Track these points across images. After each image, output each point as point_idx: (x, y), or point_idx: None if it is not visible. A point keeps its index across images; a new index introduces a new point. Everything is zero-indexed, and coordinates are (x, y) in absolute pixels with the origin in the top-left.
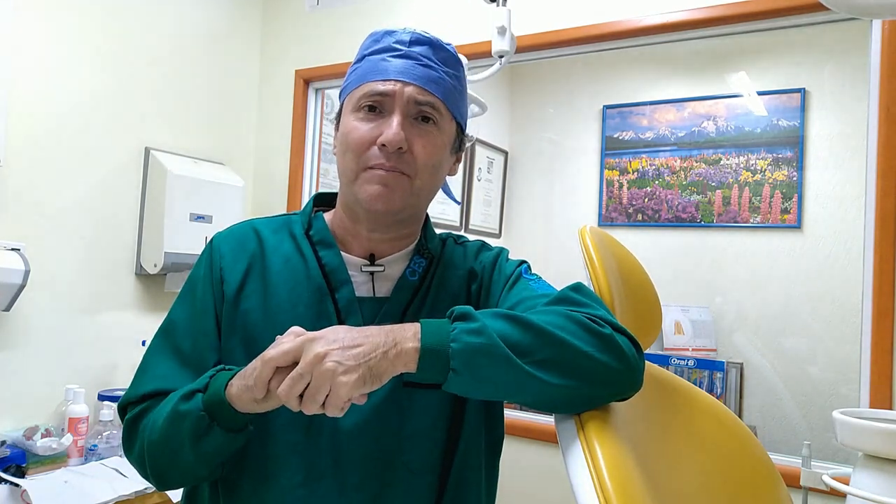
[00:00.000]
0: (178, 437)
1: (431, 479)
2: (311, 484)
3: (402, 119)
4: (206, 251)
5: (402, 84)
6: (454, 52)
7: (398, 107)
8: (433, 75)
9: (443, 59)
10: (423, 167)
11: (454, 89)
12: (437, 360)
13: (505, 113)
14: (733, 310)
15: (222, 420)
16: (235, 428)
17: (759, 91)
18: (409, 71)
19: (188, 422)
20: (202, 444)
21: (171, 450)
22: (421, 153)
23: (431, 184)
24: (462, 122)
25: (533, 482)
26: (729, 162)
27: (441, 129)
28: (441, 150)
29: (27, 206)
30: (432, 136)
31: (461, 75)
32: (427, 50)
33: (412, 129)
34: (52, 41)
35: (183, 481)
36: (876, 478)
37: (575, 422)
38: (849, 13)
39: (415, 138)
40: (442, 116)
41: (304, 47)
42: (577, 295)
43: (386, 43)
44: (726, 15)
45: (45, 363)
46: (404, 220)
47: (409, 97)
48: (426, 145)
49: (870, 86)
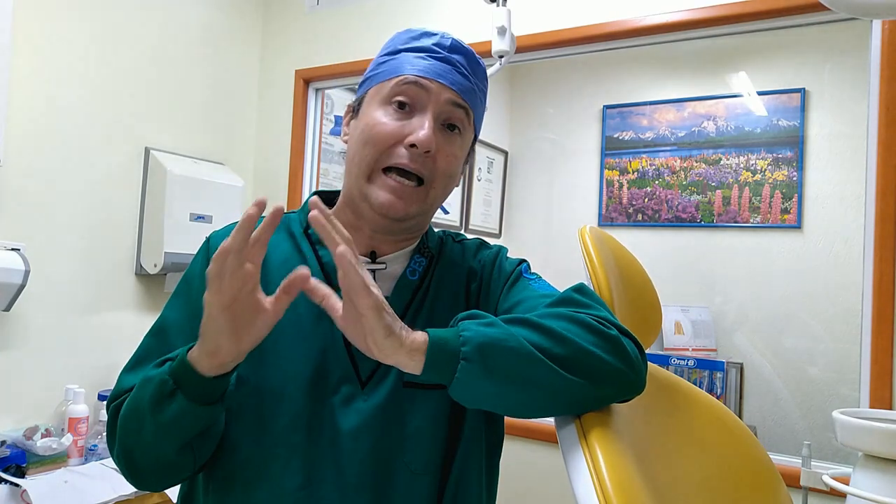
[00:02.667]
0: (141, 405)
1: (432, 479)
2: (310, 486)
3: (433, 121)
4: (202, 249)
5: (440, 86)
6: (484, 65)
7: (431, 107)
8: (467, 85)
9: (475, 71)
10: (441, 175)
11: (481, 103)
12: (446, 353)
13: (505, 113)
14: (733, 310)
15: (187, 386)
16: (200, 398)
17: (759, 91)
18: (447, 75)
19: (152, 385)
20: (162, 411)
21: (136, 421)
22: (443, 161)
23: (444, 193)
24: (478, 134)
25: (533, 482)
26: (729, 162)
27: (464, 139)
28: (459, 160)
29: (27, 206)
30: (455, 146)
31: (486, 89)
32: (464, 59)
33: (439, 135)
34: (52, 41)
35: (151, 468)
36: (876, 478)
37: (575, 422)
38: (849, 13)
39: (441, 145)
40: (467, 127)
41: (304, 47)
42: (581, 296)
43: (425, 43)
44: (726, 15)
45: (45, 363)
46: (411, 227)
47: (445, 100)
48: (448, 154)
49: (870, 86)
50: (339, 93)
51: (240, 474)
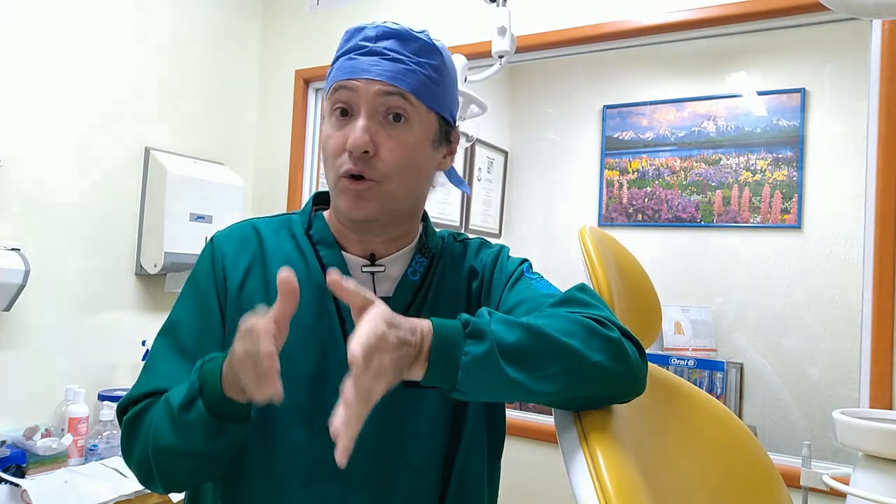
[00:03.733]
0: (194, 446)
1: (434, 478)
2: (313, 485)
3: (367, 121)
4: (206, 250)
5: (366, 81)
6: (428, 40)
7: (364, 106)
8: (400, 68)
9: (414, 51)
10: (392, 170)
11: (429, 80)
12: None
13: (505, 113)
14: (733, 310)
15: (229, 414)
16: (244, 417)
17: (759, 91)
18: (372, 67)
19: (200, 430)
20: (221, 443)
21: (188, 457)
22: (388, 156)
23: (408, 185)
24: (445, 112)
25: (533, 482)
26: (729, 162)
27: (413, 126)
28: (414, 149)
29: (27, 206)
30: (402, 137)
31: (439, 63)
32: (394, 43)
33: (380, 131)
34: (52, 41)
35: (191, 483)
36: (876, 478)
37: (575, 422)
38: (849, 13)
39: (383, 140)
40: (414, 111)
41: (304, 47)
42: (583, 295)
43: (354, 41)
44: (726, 15)
45: (45, 363)
46: (391, 224)
47: (374, 94)
48: (394, 148)
49: (870, 86)
50: None
51: (244, 474)
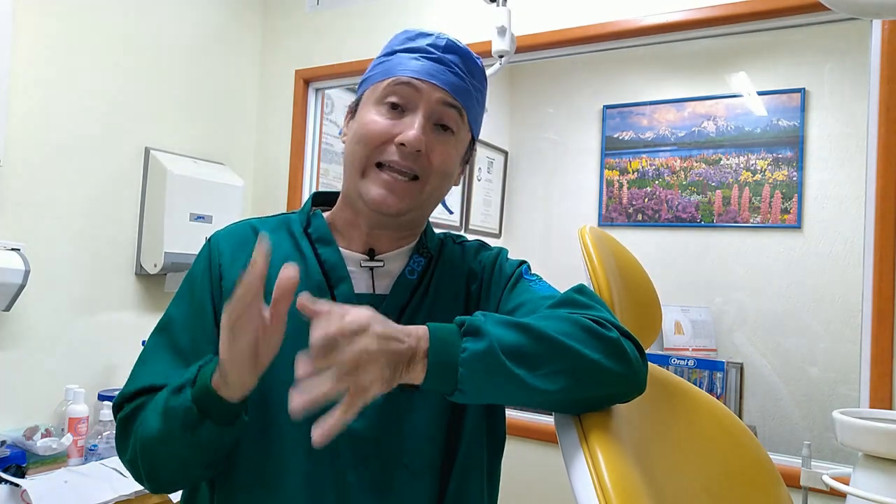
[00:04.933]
0: (170, 434)
1: (433, 479)
2: (310, 487)
3: (424, 121)
4: (204, 249)
5: (432, 86)
6: (482, 66)
7: (423, 107)
8: (461, 85)
9: (471, 71)
10: (435, 173)
11: (477, 102)
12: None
13: (505, 113)
14: (733, 310)
15: (213, 412)
16: (227, 419)
17: (759, 91)
18: (439, 75)
19: (179, 416)
20: (194, 439)
21: (165, 447)
22: (437, 160)
23: (440, 191)
24: (476, 134)
25: (533, 482)
26: (729, 162)
27: (458, 139)
28: (454, 160)
29: (27, 206)
30: (449, 145)
31: (484, 89)
32: (458, 59)
33: (431, 135)
34: (53, 41)
35: (175, 480)
36: (876, 478)
37: (575, 423)
38: (849, 13)
39: (433, 144)
40: (461, 126)
41: (304, 47)
42: (582, 297)
43: (419, 44)
44: (726, 15)
45: (45, 363)
46: (406, 224)
47: (436, 100)
48: (442, 153)
49: (870, 86)
50: (339, 93)
51: (241, 475)
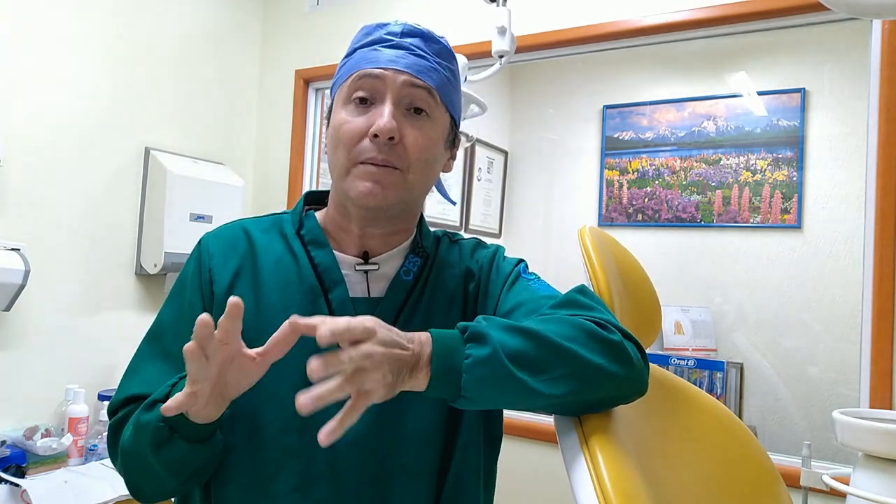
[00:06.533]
0: (141, 448)
1: (429, 480)
2: (305, 489)
3: (393, 108)
4: (194, 252)
5: (394, 71)
6: (447, 45)
7: (390, 94)
8: (425, 64)
9: (436, 52)
10: (415, 160)
11: (448, 81)
12: (447, 388)
13: (505, 113)
14: (733, 310)
15: (182, 430)
16: (197, 438)
17: (759, 91)
18: (400, 59)
19: (148, 433)
20: (164, 455)
21: (139, 460)
22: (413, 145)
23: (425, 178)
24: (456, 116)
25: (532, 482)
26: (729, 162)
27: (434, 120)
28: (435, 143)
29: (27, 206)
30: (425, 128)
31: (455, 69)
32: (419, 41)
33: (404, 120)
34: (53, 41)
35: (155, 493)
36: (876, 478)
37: (575, 424)
38: (849, 13)
39: (407, 129)
40: (435, 107)
41: (304, 47)
42: (583, 298)
43: (377, 35)
44: (726, 15)
45: (45, 363)
46: (397, 216)
47: (401, 83)
48: (419, 137)
49: (870, 86)
50: None
51: (236, 478)
